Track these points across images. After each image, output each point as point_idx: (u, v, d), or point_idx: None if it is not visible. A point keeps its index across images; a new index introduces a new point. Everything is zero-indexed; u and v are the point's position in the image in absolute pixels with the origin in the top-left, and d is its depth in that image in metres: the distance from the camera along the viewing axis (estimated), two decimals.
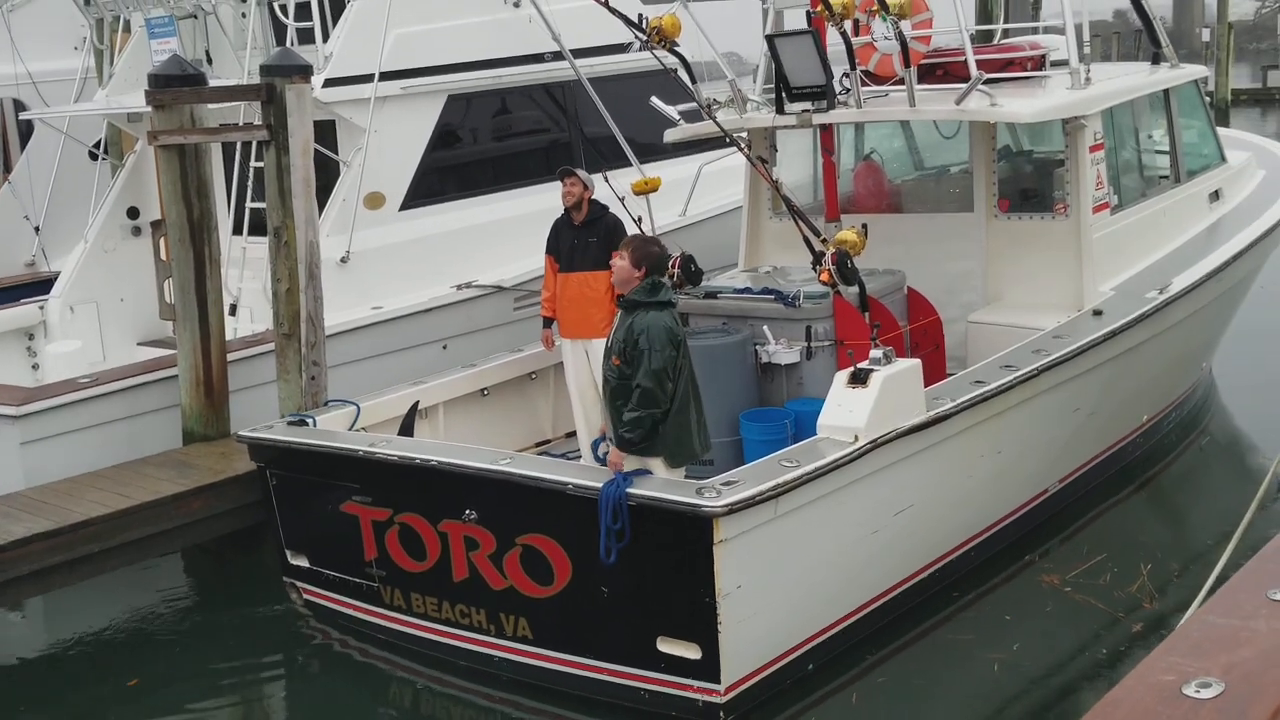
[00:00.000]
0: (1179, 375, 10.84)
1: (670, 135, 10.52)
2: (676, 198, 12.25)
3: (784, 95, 9.25)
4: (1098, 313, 9.09)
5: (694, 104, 9.47)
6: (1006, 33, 11.21)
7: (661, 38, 8.88)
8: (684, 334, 7.14)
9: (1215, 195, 11.53)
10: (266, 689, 8.21)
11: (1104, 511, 9.44)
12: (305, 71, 9.21)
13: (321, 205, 10.70)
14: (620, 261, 7.22)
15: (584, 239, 9.21)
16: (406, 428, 8.66)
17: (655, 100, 10.05)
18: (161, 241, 10.84)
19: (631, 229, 9.16)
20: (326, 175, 11.04)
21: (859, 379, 7.19)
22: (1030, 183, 10.28)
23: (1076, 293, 9.46)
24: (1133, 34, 41.68)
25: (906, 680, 7.34)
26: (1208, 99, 12.65)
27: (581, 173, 9.39)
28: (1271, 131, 32.47)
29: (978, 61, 9.24)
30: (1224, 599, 2.97)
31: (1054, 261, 9.61)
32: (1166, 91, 11.10)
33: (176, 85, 9.58)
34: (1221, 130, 12.84)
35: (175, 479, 8.80)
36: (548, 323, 9.57)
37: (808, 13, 9.15)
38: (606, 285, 8.98)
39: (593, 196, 9.39)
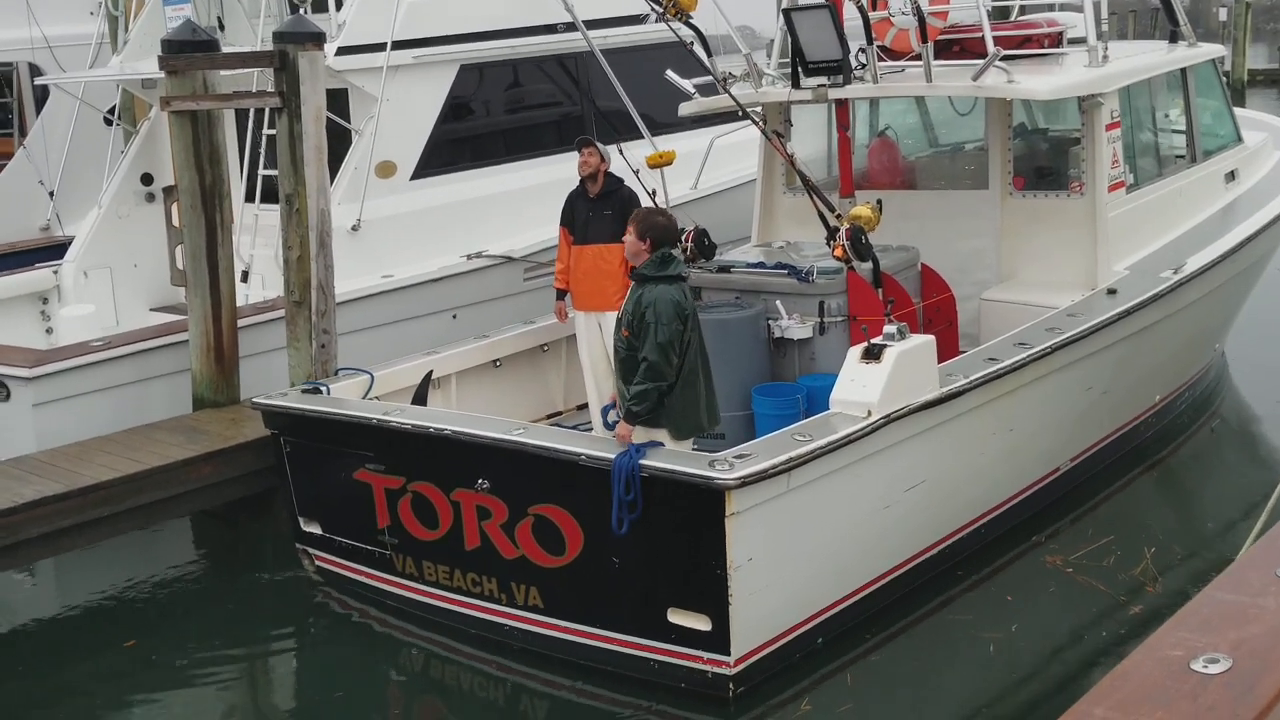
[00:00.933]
0: (1192, 356, 10.82)
1: (685, 109, 10.49)
2: (688, 171, 12.24)
3: (800, 69, 9.22)
4: (1112, 291, 9.08)
5: (709, 78, 9.43)
6: (1023, 9, 11.13)
7: (678, 10, 8.87)
8: (693, 308, 7.13)
9: (1231, 175, 11.49)
10: (277, 653, 8.24)
11: (1113, 493, 9.42)
12: (318, 39, 9.20)
13: (333, 173, 10.70)
14: (628, 236, 7.26)
15: (599, 211, 9.21)
16: (420, 397, 8.67)
17: (671, 73, 10.02)
18: (174, 207, 10.85)
19: (645, 202, 9.16)
20: (340, 144, 11.04)
21: (873, 354, 7.19)
22: (1045, 160, 10.26)
23: (1090, 271, 9.44)
24: (1149, 12, 41.57)
25: (907, 659, 7.35)
26: (1224, 78, 12.58)
27: (599, 144, 9.38)
28: None
29: (995, 38, 9.21)
30: (1233, 576, 2.99)
31: (1068, 240, 9.60)
32: (1184, 70, 11.06)
33: (190, 51, 9.58)
34: (1238, 110, 12.80)
35: (185, 444, 8.84)
36: (561, 294, 9.58)
37: None
38: (621, 258, 8.97)
39: (609, 169, 9.38)
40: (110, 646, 8.03)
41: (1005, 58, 9.10)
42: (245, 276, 10.95)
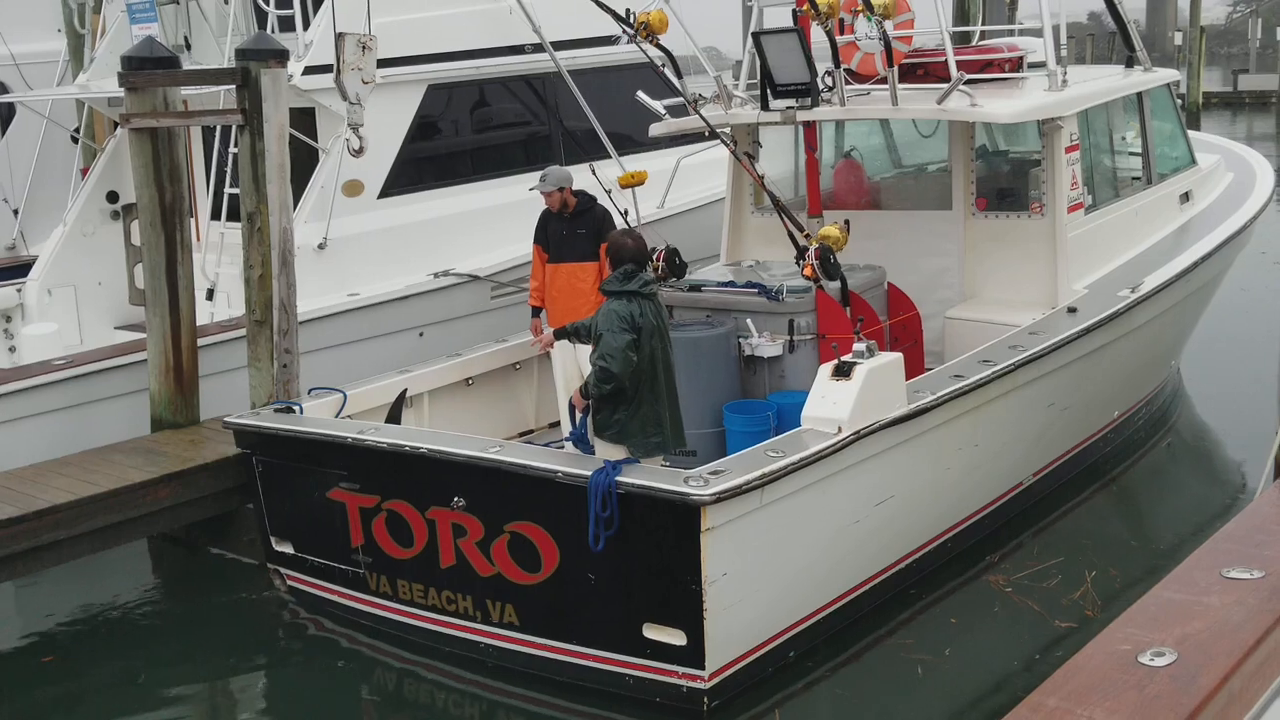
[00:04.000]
0: (1149, 373, 11.04)
1: (656, 129, 10.61)
2: (654, 190, 12.36)
3: (769, 92, 9.36)
4: (1072, 310, 9.26)
5: (679, 99, 9.55)
6: (984, 34, 11.35)
7: (649, 32, 8.99)
8: (654, 323, 7.16)
9: (1185, 197, 11.74)
10: (245, 674, 8.15)
11: (1066, 512, 9.51)
12: (281, 56, 9.20)
13: (301, 192, 10.73)
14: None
15: (573, 230, 9.26)
16: (394, 416, 8.70)
17: (642, 95, 10.14)
18: (133, 225, 10.81)
19: (618, 220, 9.26)
20: (308, 163, 11.08)
21: (843, 371, 7.31)
22: (1007, 182, 10.44)
23: (1051, 290, 9.63)
24: (1106, 36, 42.36)
25: (862, 677, 7.42)
26: (1179, 102, 12.85)
27: (554, 175, 9.36)
28: (1241, 135, 32.95)
29: (958, 62, 9.40)
30: (1181, 575, 3.15)
31: (1029, 259, 9.79)
32: (1140, 94, 11.30)
33: (150, 68, 9.55)
34: (1192, 133, 13.07)
35: (143, 466, 8.77)
36: (536, 312, 9.64)
37: (794, 11, 9.25)
38: (594, 277, 9.06)
39: (575, 189, 9.43)
40: (69, 672, 7.94)
41: (968, 82, 9.28)
42: (210, 294, 10.94)
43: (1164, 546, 8.94)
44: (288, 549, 8.39)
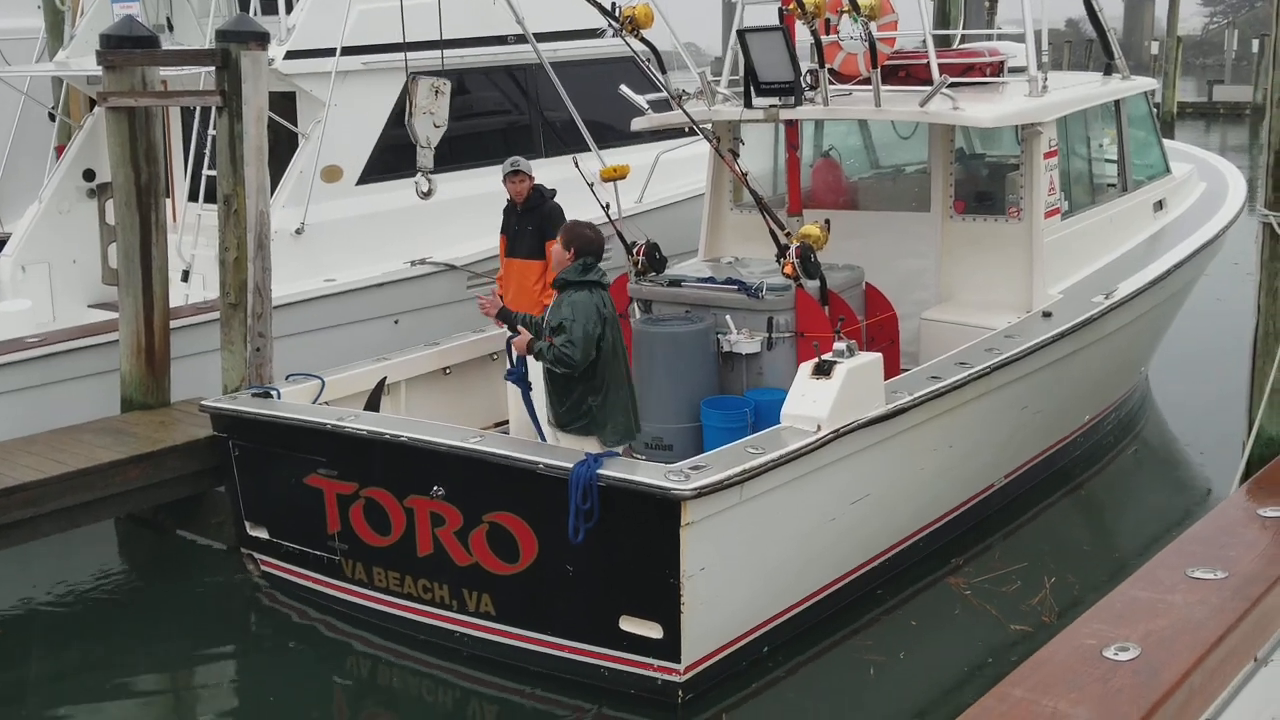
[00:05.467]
0: (1120, 378, 11.16)
1: (638, 124, 10.63)
2: (633, 185, 12.37)
3: (752, 89, 9.39)
4: (1047, 314, 9.35)
5: (662, 94, 9.58)
6: (965, 38, 11.42)
7: (635, 27, 9.02)
8: (614, 315, 7.27)
9: (1159, 205, 11.86)
10: (215, 659, 8.11)
11: (1033, 516, 9.59)
12: (262, 38, 9.18)
13: (279, 176, 10.69)
14: (555, 245, 7.46)
15: (524, 226, 9.35)
16: (373, 403, 8.69)
17: (625, 89, 10.16)
18: (108, 205, 10.74)
19: (576, 215, 9.25)
20: (287, 148, 11.04)
21: (823, 370, 7.36)
22: (985, 186, 10.51)
23: (1026, 294, 9.72)
24: (1084, 43, 42.63)
25: (832, 674, 7.48)
26: (1155, 111, 12.97)
27: (523, 165, 9.40)
28: (1214, 145, 33.26)
29: (940, 65, 9.46)
30: (1147, 574, 3.23)
31: (1005, 263, 9.87)
32: (1118, 102, 11.40)
33: (129, 47, 9.49)
34: (1167, 142, 13.19)
35: (112, 446, 8.74)
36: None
37: (780, 10, 9.29)
38: (538, 274, 9.14)
39: (536, 183, 9.44)
40: (36, 654, 7.89)
41: (949, 85, 9.34)
42: (186, 276, 10.90)
43: (1123, 555, 9.03)
44: (262, 534, 8.37)
